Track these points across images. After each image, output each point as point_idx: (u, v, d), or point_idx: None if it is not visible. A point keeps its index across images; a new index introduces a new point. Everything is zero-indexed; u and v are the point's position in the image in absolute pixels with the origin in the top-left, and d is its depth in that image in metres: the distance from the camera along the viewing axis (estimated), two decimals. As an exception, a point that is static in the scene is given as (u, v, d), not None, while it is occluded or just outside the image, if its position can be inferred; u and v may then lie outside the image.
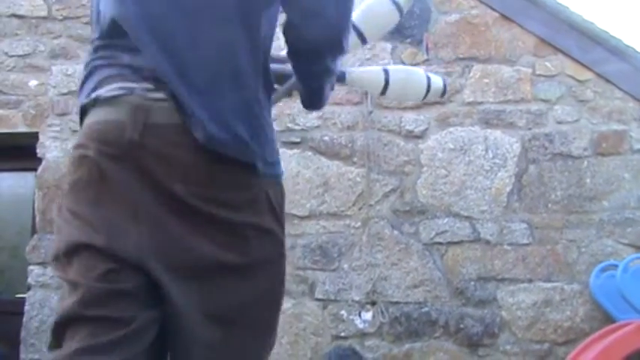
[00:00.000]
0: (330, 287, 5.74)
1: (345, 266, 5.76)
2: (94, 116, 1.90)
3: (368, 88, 2.81)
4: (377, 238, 5.78)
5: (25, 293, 6.01)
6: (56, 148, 6.12)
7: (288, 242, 5.12)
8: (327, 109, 6.00)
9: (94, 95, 1.92)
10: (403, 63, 6.05)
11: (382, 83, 2.66)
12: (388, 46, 6.10)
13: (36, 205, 6.10)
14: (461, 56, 6.06)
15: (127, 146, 1.81)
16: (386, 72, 2.68)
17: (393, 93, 2.73)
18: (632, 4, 21.85)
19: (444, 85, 2.77)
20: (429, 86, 2.73)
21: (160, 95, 1.86)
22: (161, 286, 1.84)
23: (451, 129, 5.93)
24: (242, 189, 1.90)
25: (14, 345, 5.85)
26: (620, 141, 5.83)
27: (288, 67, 2.22)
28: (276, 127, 2.66)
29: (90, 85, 1.96)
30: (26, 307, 5.90)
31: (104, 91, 1.90)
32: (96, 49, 2.00)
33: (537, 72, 5.97)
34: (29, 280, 5.95)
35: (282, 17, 2.08)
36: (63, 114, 6.18)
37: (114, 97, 1.88)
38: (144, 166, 1.81)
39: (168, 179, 1.81)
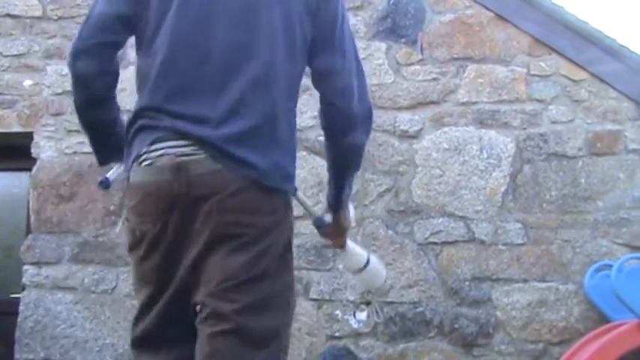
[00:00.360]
0: (325, 287, 5.74)
1: (340, 266, 5.75)
2: (144, 176, 2.42)
3: (353, 262, 3.23)
4: (371, 238, 5.78)
5: (19, 293, 6.02)
6: (51, 148, 6.12)
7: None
8: (322, 109, 5.99)
9: (143, 154, 2.42)
10: (398, 63, 6.06)
11: (362, 265, 3.15)
12: (383, 45, 6.10)
13: (30, 205, 6.11)
14: (455, 56, 6.06)
15: (177, 198, 2.34)
16: (368, 259, 3.16)
17: (364, 277, 3.24)
18: (626, 3, 21.87)
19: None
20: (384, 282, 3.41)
21: (195, 149, 2.35)
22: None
23: (446, 129, 5.93)
24: (273, 213, 2.43)
25: (8, 345, 5.86)
26: (615, 141, 5.83)
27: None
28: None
29: (137, 147, 2.44)
30: (21, 307, 5.91)
31: (151, 154, 2.40)
32: (141, 112, 2.47)
33: (532, 72, 5.97)
34: (24, 280, 5.95)
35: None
36: (57, 114, 6.18)
37: (160, 157, 2.37)
38: (191, 210, 2.33)
39: (210, 214, 2.31)
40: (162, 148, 2.39)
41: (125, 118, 2.60)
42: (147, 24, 2.54)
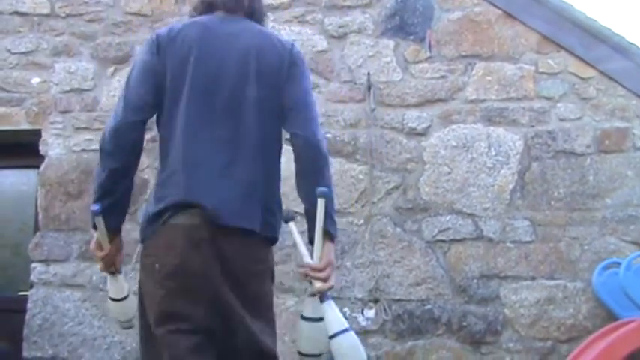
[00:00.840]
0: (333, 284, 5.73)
1: (348, 264, 5.76)
2: (180, 219, 2.96)
3: (332, 321, 2.98)
4: (380, 236, 5.79)
5: (27, 291, 6.02)
6: (59, 146, 6.12)
7: (291, 239, 5.12)
8: (330, 106, 6.01)
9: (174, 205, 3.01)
10: (406, 61, 6.06)
11: (337, 330, 2.92)
12: (391, 43, 6.11)
13: (38, 202, 6.11)
14: (464, 54, 6.06)
15: (202, 239, 2.91)
16: (347, 330, 2.95)
17: (335, 347, 2.92)
18: (634, 1, 21.84)
19: None
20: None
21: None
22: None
23: (454, 126, 5.94)
24: (265, 261, 3.10)
25: (17, 342, 5.86)
26: (623, 138, 5.83)
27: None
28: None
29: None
30: (29, 305, 5.91)
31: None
32: (169, 207, 3.00)
33: (540, 69, 5.98)
34: (32, 277, 5.96)
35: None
36: (65, 111, 6.19)
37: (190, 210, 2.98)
38: (212, 251, 2.91)
39: (226, 259, 2.93)
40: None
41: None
42: (164, 109, 3.14)
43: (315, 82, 6.08)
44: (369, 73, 5.99)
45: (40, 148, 6.14)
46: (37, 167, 6.18)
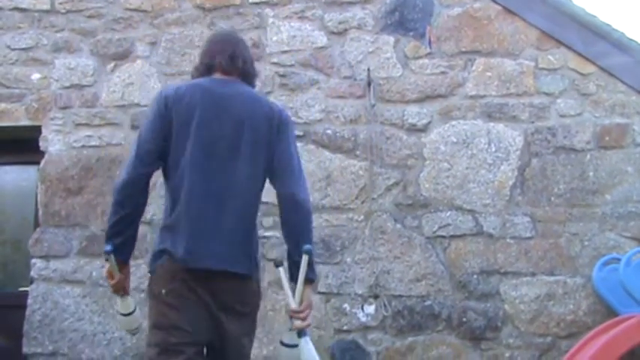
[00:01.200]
0: (333, 281, 5.75)
1: (348, 260, 5.76)
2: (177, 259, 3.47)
3: (306, 355, 3.52)
4: (380, 232, 5.79)
5: (27, 287, 6.02)
6: (59, 142, 6.13)
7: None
8: (330, 102, 6.01)
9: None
10: (406, 56, 6.06)
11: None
12: (391, 39, 6.11)
13: (38, 198, 6.12)
14: (464, 50, 6.06)
15: (199, 276, 3.43)
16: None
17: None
18: (634, -3, 21.81)
19: None
20: None
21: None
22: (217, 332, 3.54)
23: (454, 122, 5.93)
24: (253, 297, 3.65)
25: (17, 338, 5.86)
26: (623, 134, 5.82)
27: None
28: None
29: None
30: (29, 301, 5.92)
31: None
32: (173, 227, 3.53)
33: (540, 65, 5.97)
34: (32, 273, 5.96)
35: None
36: (65, 107, 6.20)
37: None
38: (208, 286, 3.45)
39: (220, 291, 3.47)
40: None
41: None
42: (170, 164, 3.61)
43: (315, 78, 6.09)
44: (368, 69, 6.00)
45: (40, 144, 6.15)
46: (37, 163, 6.19)
